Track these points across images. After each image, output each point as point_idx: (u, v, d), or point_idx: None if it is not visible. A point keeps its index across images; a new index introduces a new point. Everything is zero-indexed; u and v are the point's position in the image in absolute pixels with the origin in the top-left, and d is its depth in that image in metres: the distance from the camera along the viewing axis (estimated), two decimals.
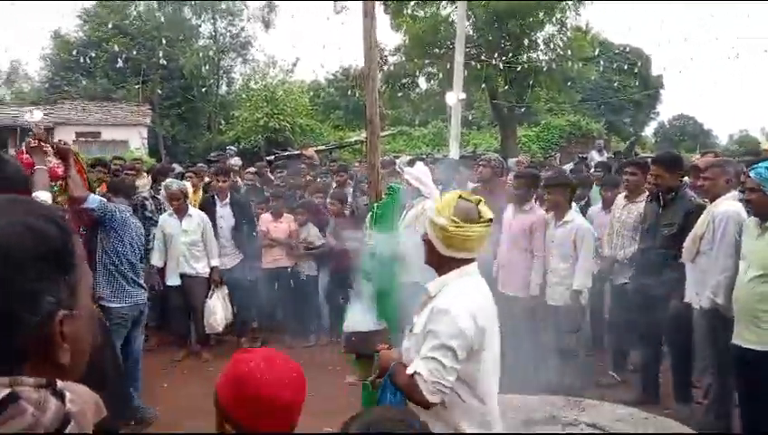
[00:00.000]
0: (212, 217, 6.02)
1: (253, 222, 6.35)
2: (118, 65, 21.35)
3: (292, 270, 6.34)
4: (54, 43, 24.68)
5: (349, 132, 22.99)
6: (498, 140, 20.69)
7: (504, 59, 17.21)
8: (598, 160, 11.14)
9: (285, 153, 15.46)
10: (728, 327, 3.56)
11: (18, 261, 0.73)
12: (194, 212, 5.82)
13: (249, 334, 6.24)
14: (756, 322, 3.36)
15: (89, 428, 0.75)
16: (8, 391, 0.69)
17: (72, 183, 3.60)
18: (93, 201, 4.01)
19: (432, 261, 2.22)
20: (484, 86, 17.97)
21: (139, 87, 22.80)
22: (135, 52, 22.57)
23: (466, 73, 13.52)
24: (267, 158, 14.38)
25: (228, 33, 26.30)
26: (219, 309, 5.73)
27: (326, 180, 7.94)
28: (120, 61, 20.85)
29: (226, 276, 6.01)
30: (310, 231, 6.28)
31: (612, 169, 7.56)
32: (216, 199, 6.23)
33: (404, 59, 19.43)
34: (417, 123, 25.18)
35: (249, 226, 6.27)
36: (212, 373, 4.85)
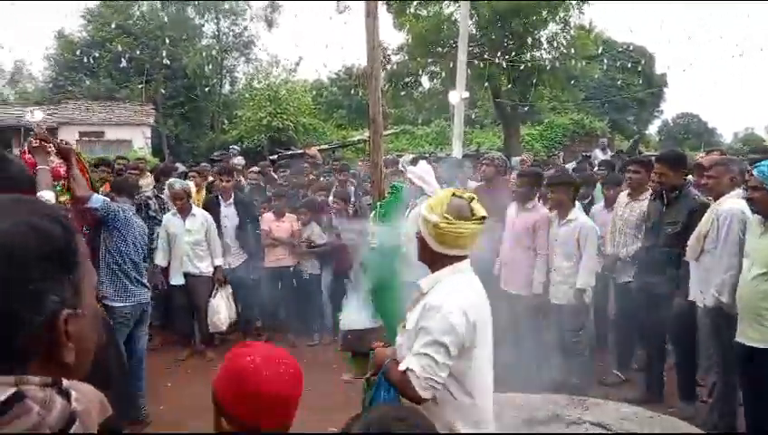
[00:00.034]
0: (216, 217, 6.03)
1: (257, 222, 6.35)
2: (121, 65, 21.38)
3: (294, 269, 6.35)
4: (58, 43, 24.75)
5: (352, 131, 22.98)
6: (501, 138, 20.65)
7: (508, 57, 17.17)
8: (601, 159, 11.11)
9: (288, 152, 15.47)
10: (732, 325, 3.56)
11: (22, 261, 0.73)
12: (197, 211, 5.84)
13: (253, 333, 6.25)
14: (760, 320, 3.36)
15: (94, 427, 0.76)
16: (14, 390, 0.69)
17: (75, 183, 3.60)
18: (96, 201, 4.02)
19: (425, 258, 2.23)
20: (487, 85, 17.91)
21: (142, 87, 22.84)
22: (138, 51, 22.62)
23: (469, 72, 13.53)
24: (270, 157, 14.38)
25: (231, 33, 26.35)
26: (223, 308, 5.74)
27: (329, 179, 7.94)
28: (124, 60, 20.89)
29: (231, 276, 6.01)
30: (313, 230, 6.28)
31: (616, 167, 7.54)
32: (221, 199, 6.24)
33: (407, 58, 19.41)
34: (420, 122, 25.16)
35: (253, 225, 6.27)
36: (216, 373, 4.85)
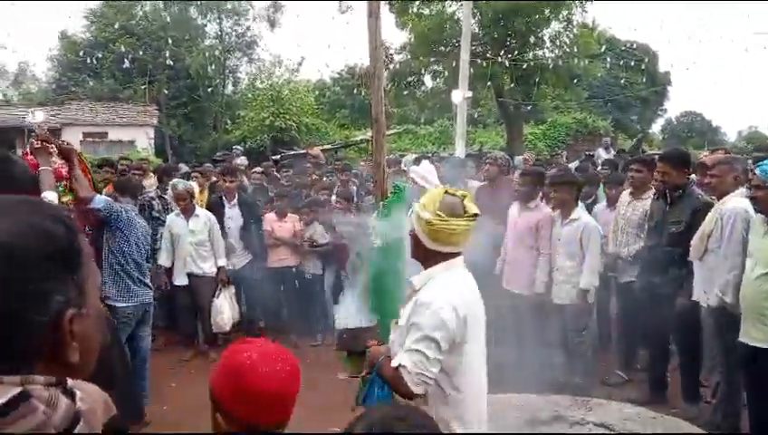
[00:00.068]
0: (220, 218, 6.04)
1: (260, 222, 6.36)
2: (124, 66, 21.44)
3: (297, 269, 6.35)
4: (61, 44, 24.76)
5: (354, 131, 22.97)
6: (504, 138, 20.63)
7: (510, 56, 17.13)
8: (604, 158, 11.09)
9: (291, 153, 15.48)
10: (736, 325, 3.54)
11: (26, 261, 0.73)
12: (200, 212, 5.85)
13: (256, 334, 6.25)
14: (763, 319, 3.34)
15: (98, 426, 0.76)
16: (19, 389, 0.69)
17: (78, 183, 3.59)
18: (99, 201, 4.02)
19: (418, 255, 2.25)
20: (490, 84, 17.88)
21: (145, 87, 22.85)
22: (141, 52, 22.64)
23: (472, 71, 13.49)
24: (273, 157, 14.39)
25: (234, 33, 26.33)
26: (226, 308, 5.75)
27: (332, 179, 7.96)
28: (127, 61, 20.94)
29: (235, 276, 6.02)
30: (316, 230, 6.29)
31: (619, 166, 7.53)
32: (225, 200, 6.25)
33: (409, 57, 19.38)
34: (423, 122, 25.14)
35: (257, 226, 6.29)
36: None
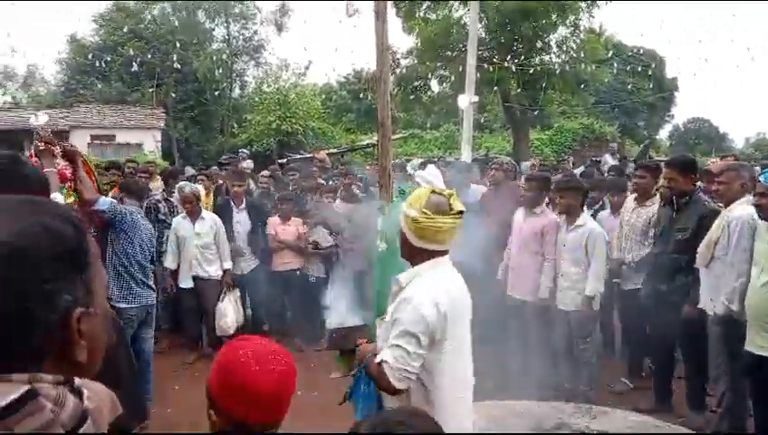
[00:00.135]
0: (229, 222, 6.05)
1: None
2: (132, 69, 21.55)
3: (301, 273, 6.36)
4: (70, 47, 24.96)
5: (360, 135, 23.00)
6: (511, 143, 20.60)
7: (517, 61, 17.12)
8: (611, 164, 11.06)
9: (298, 156, 15.51)
10: (742, 334, 3.51)
11: (35, 261, 0.73)
12: (206, 215, 5.85)
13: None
14: None
15: (105, 425, 0.77)
16: (27, 387, 0.70)
17: (82, 185, 3.59)
18: (104, 203, 4.02)
19: (405, 253, 2.28)
20: (496, 89, 17.88)
21: (153, 90, 22.99)
22: (150, 55, 22.78)
23: (479, 76, 13.49)
24: (279, 161, 14.43)
25: (241, 37, 26.48)
26: (231, 312, 5.75)
27: (336, 182, 7.97)
28: (135, 64, 21.04)
29: (240, 280, 6.03)
30: (319, 233, 6.30)
31: (625, 172, 7.51)
32: (233, 204, 6.26)
33: (416, 62, 19.38)
34: (429, 126, 25.14)
35: (265, 229, 6.31)
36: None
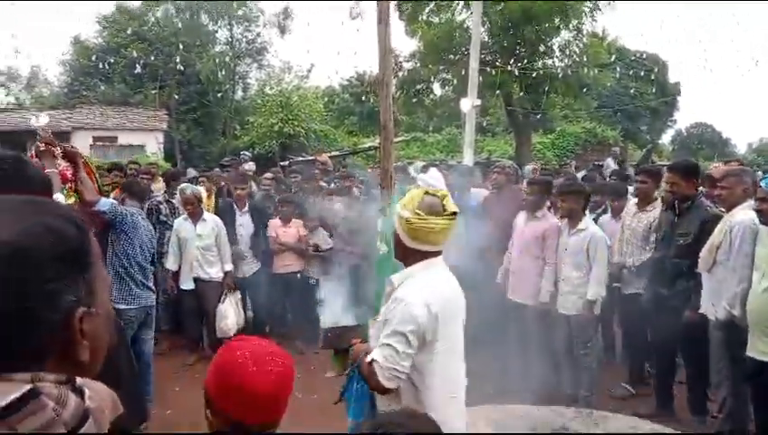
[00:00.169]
0: (231, 224, 6.05)
1: None
2: (135, 71, 21.64)
3: (301, 275, 6.36)
4: (74, 49, 25.02)
5: (363, 138, 23.04)
6: (513, 146, 20.61)
7: (520, 65, 17.13)
8: (613, 168, 11.06)
9: (300, 159, 15.54)
10: (744, 339, 3.51)
11: (38, 261, 0.74)
12: (208, 217, 5.86)
13: None
14: None
15: (106, 424, 0.77)
16: (29, 386, 0.70)
17: (83, 186, 3.58)
18: (104, 204, 4.01)
19: (399, 254, 2.29)
20: (498, 92, 17.88)
21: (156, 92, 23.03)
22: (153, 57, 22.84)
23: (481, 80, 13.50)
24: (281, 163, 14.45)
25: (244, 39, 26.53)
26: (231, 314, 5.75)
27: (338, 185, 7.97)
28: (138, 66, 21.13)
29: (241, 282, 6.03)
30: (320, 235, 6.30)
31: (628, 176, 7.51)
32: (236, 207, 6.26)
33: (419, 65, 19.43)
34: (432, 129, 25.19)
35: (267, 232, 6.32)
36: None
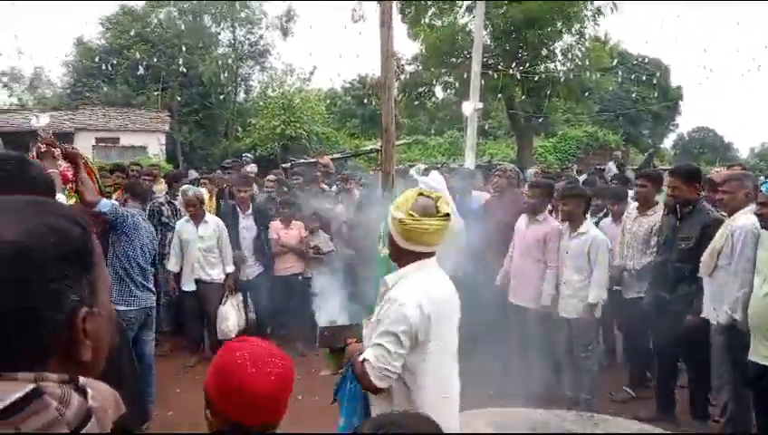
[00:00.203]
0: (235, 227, 6.06)
1: None
2: (138, 72, 21.69)
3: (303, 277, 6.36)
4: (77, 50, 25.08)
5: (365, 141, 23.07)
6: (514, 150, 20.62)
7: (522, 69, 17.16)
8: (614, 172, 11.06)
9: (302, 161, 15.56)
10: (746, 343, 3.51)
11: (41, 261, 0.74)
12: (210, 218, 5.86)
13: None
14: None
15: (109, 424, 0.77)
16: (33, 386, 0.70)
17: (83, 187, 3.58)
18: (105, 205, 4.01)
19: (393, 254, 2.31)
20: (500, 96, 17.90)
21: (158, 94, 23.07)
22: (155, 59, 22.88)
23: (483, 83, 13.51)
24: (283, 165, 14.46)
25: (247, 42, 26.57)
26: (232, 315, 5.75)
27: (339, 186, 7.99)
28: (141, 68, 21.17)
29: (243, 284, 6.03)
30: (320, 238, 6.31)
31: (629, 180, 7.51)
32: (239, 210, 6.27)
33: (421, 68, 19.46)
34: (433, 132, 25.22)
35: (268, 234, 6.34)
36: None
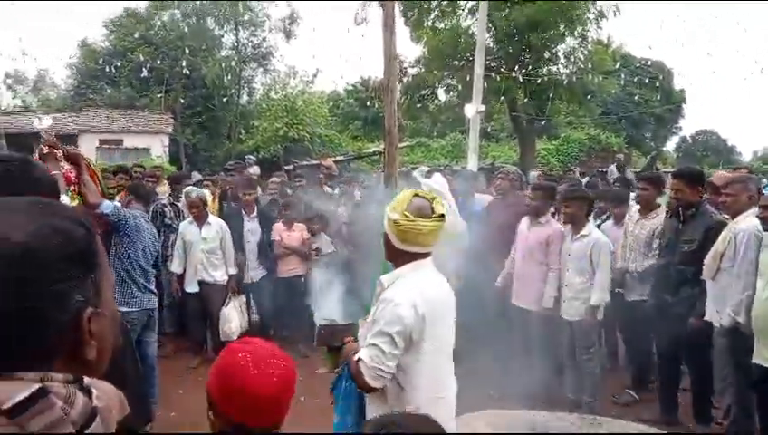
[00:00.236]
0: (239, 231, 6.07)
1: None
2: (142, 74, 21.78)
3: (305, 278, 6.37)
4: (81, 52, 25.20)
5: (367, 143, 23.12)
6: (517, 152, 20.62)
7: (525, 71, 17.15)
8: (617, 175, 11.05)
9: (304, 163, 15.59)
10: (749, 346, 3.50)
11: (47, 262, 0.75)
12: (213, 220, 5.87)
13: None
14: None
15: (113, 424, 0.78)
16: (38, 386, 0.71)
17: (86, 188, 3.58)
18: (107, 207, 4.01)
19: (389, 255, 2.32)
20: (503, 98, 17.91)
21: (161, 96, 23.16)
22: (159, 61, 22.97)
23: (486, 85, 13.51)
24: (286, 167, 14.49)
25: (250, 44, 26.64)
26: (235, 317, 5.75)
27: (342, 188, 8.05)
28: (145, 70, 21.25)
29: (250, 288, 6.04)
30: (322, 240, 6.32)
31: (631, 182, 7.50)
32: (243, 213, 6.26)
33: (423, 70, 19.45)
34: (436, 135, 25.24)
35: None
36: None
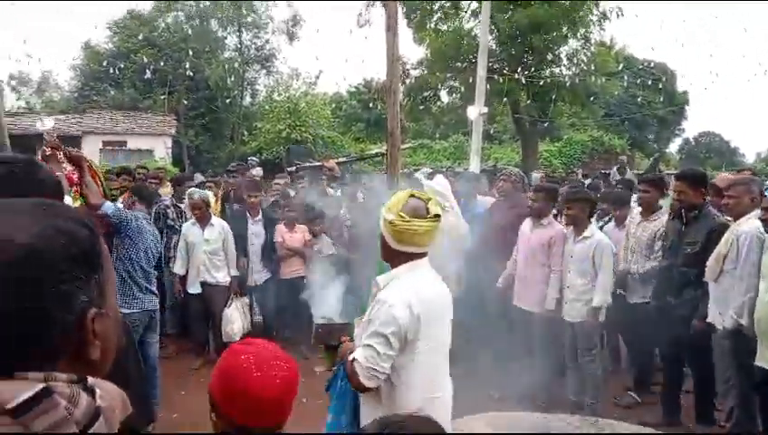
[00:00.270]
0: (244, 233, 6.09)
1: None
2: (145, 76, 21.80)
3: (306, 280, 6.37)
4: (85, 54, 25.26)
5: (370, 145, 23.12)
6: (519, 154, 20.61)
7: (527, 73, 17.16)
8: (619, 178, 11.06)
9: (307, 164, 15.59)
10: (751, 348, 3.50)
11: (51, 263, 0.75)
12: (215, 221, 5.88)
13: None
14: None
15: (116, 424, 0.78)
16: (43, 385, 0.71)
17: (88, 189, 3.59)
18: (109, 208, 4.01)
19: (385, 255, 2.33)
20: (506, 100, 17.92)
21: (165, 97, 23.20)
22: (162, 63, 23.00)
23: (489, 87, 13.52)
24: (288, 169, 14.49)
25: (253, 46, 26.70)
26: (237, 318, 5.76)
27: (344, 189, 8.02)
28: (148, 72, 21.28)
29: (254, 290, 6.05)
30: (323, 241, 6.33)
31: (631, 185, 7.50)
32: (248, 216, 6.27)
33: (426, 72, 19.48)
34: (438, 136, 25.23)
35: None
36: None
